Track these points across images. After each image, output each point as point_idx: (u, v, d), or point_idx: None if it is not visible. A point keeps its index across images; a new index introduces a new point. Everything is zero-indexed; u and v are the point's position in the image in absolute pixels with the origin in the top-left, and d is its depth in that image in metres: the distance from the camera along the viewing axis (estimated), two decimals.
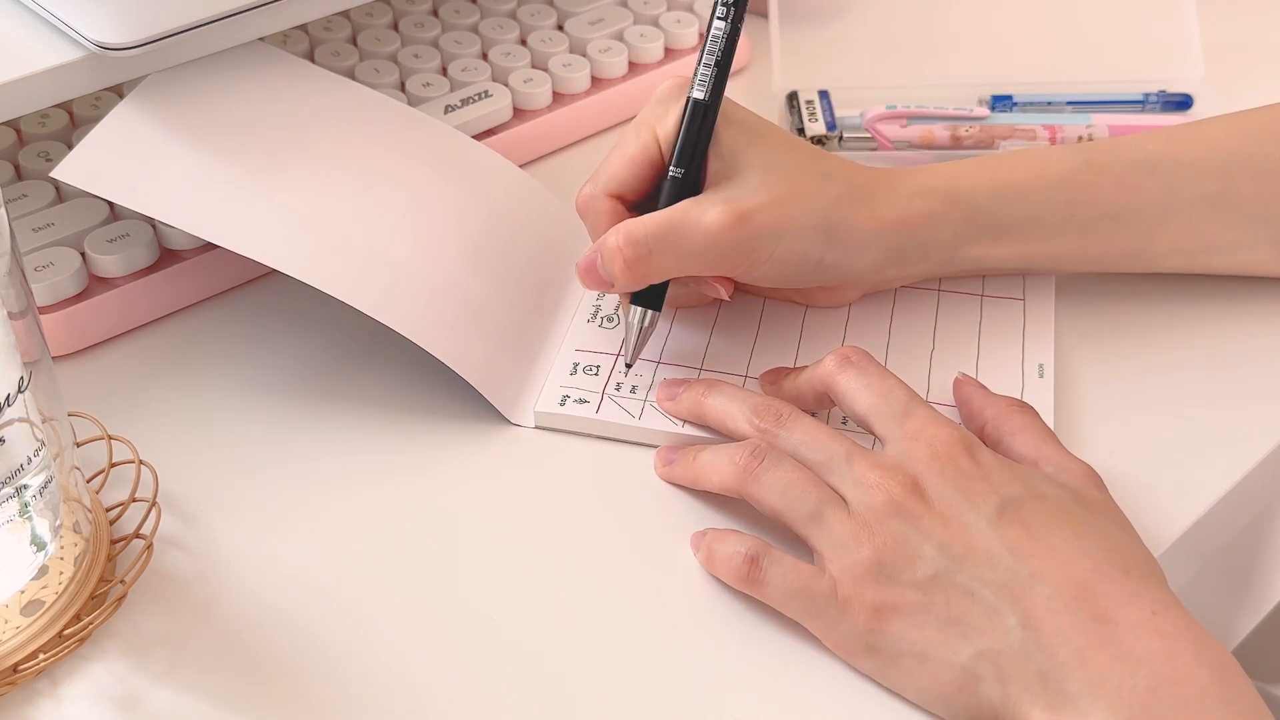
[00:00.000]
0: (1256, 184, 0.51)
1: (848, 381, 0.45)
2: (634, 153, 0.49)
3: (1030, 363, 0.51)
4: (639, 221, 0.47)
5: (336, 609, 0.42)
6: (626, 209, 0.49)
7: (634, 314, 0.49)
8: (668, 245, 0.47)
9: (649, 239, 0.46)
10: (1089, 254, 0.52)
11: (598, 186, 0.49)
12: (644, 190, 0.49)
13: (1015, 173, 0.51)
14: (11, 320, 0.37)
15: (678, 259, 0.47)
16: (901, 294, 0.54)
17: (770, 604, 0.42)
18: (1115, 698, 0.36)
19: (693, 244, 0.47)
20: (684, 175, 0.48)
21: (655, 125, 0.49)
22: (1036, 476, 0.42)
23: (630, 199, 0.49)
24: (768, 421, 0.44)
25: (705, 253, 0.47)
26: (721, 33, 0.48)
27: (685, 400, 0.48)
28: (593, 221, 0.50)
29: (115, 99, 0.59)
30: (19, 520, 0.40)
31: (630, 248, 0.47)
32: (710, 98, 0.48)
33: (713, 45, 0.48)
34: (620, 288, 0.48)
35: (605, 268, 0.47)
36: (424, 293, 0.49)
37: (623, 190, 0.49)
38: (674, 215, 0.47)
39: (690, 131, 0.48)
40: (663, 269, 0.47)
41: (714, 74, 0.48)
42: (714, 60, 0.48)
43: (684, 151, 0.48)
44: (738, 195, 0.47)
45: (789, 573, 0.41)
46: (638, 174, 0.49)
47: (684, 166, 0.48)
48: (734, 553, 0.42)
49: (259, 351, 0.53)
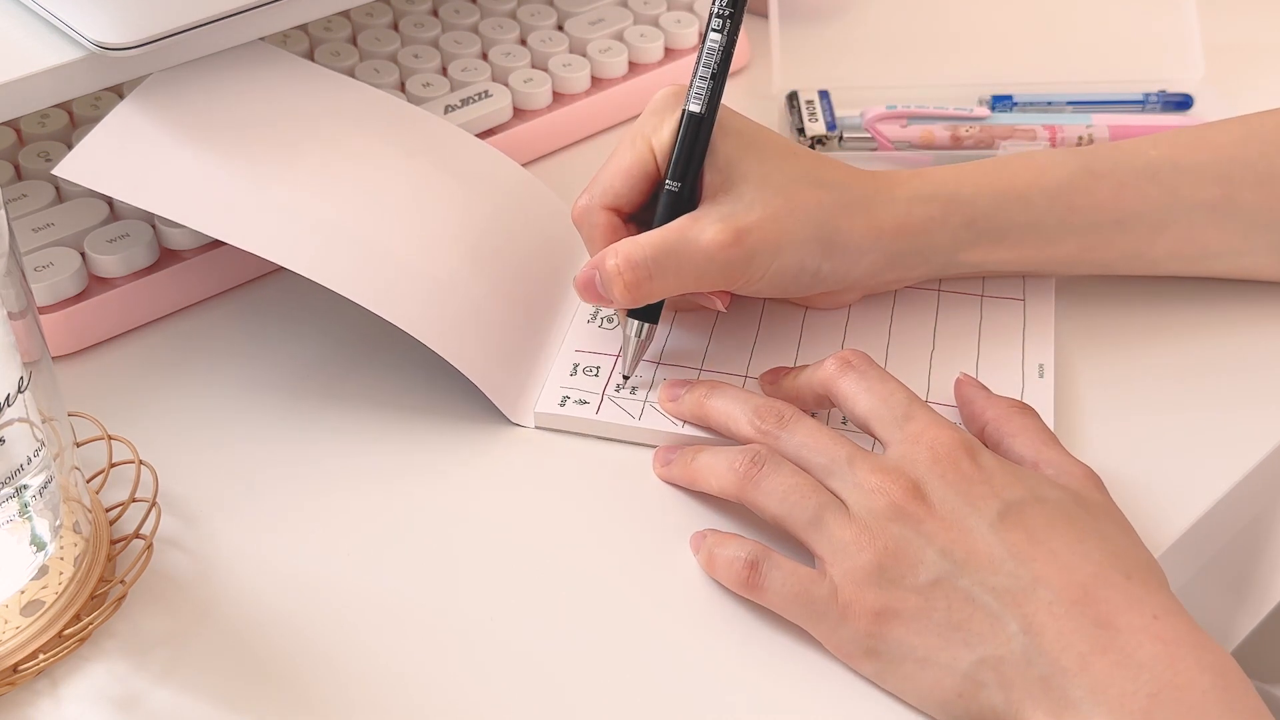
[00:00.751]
0: (1258, 190, 0.51)
1: (848, 384, 0.45)
2: (629, 164, 0.49)
3: (1030, 363, 0.51)
4: (637, 244, 0.47)
5: (336, 609, 0.42)
6: (622, 220, 0.49)
7: (630, 327, 0.50)
8: (667, 268, 0.47)
9: (648, 262, 0.47)
10: (1088, 258, 0.52)
11: (593, 198, 0.49)
12: (640, 202, 0.49)
13: (1015, 178, 0.51)
14: (11, 320, 0.37)
15: (677, 279, 0.47)
16: (902, 294, 0.54)
17: (771, 609, 0.42)
18: (1117, 703, 0.36)
19: (691, 264, 0.47)
20: (680, 189, 0.48)
21: (650, 136, 0.48)
22: (1038, 479, 0.41)
23: (626, 210, 0.49)
24: (769, 423, 0.44)
25: (704, 271, 0.47)
26: (717, 45, 0.47)
27: (687, 401, 0.48)
28: (589, 233, 0.49)
29: (115, 99, 0.59)
30: (19, 520, 0.40)
31: (630, 272, 0.47)
32: (706, 110, 0.47)
33: (708, 57, 0.47)
34: (619, 306, 0.49)
35: (605, 289, 0.47)
36: (426, 289, 0.49)
37: (618, 202, 0.49)
38: (671, 236, 0.47)
39: (685, 144, 0.48)
40: (662, 289, 0.47)
41: (710, 86, 0.47)
42: (710, 73, 0.47)
43: (679, 164, 0.48)
44: (734, 211, 0.47)
45: (789, 577, 0.41)
46: (633, 186, 0.49)
47: (680, 180, 0.48)
48: (734, 557, 0.42)
49: (259, 351, 0.53)
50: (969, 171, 0.51)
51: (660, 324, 0.51)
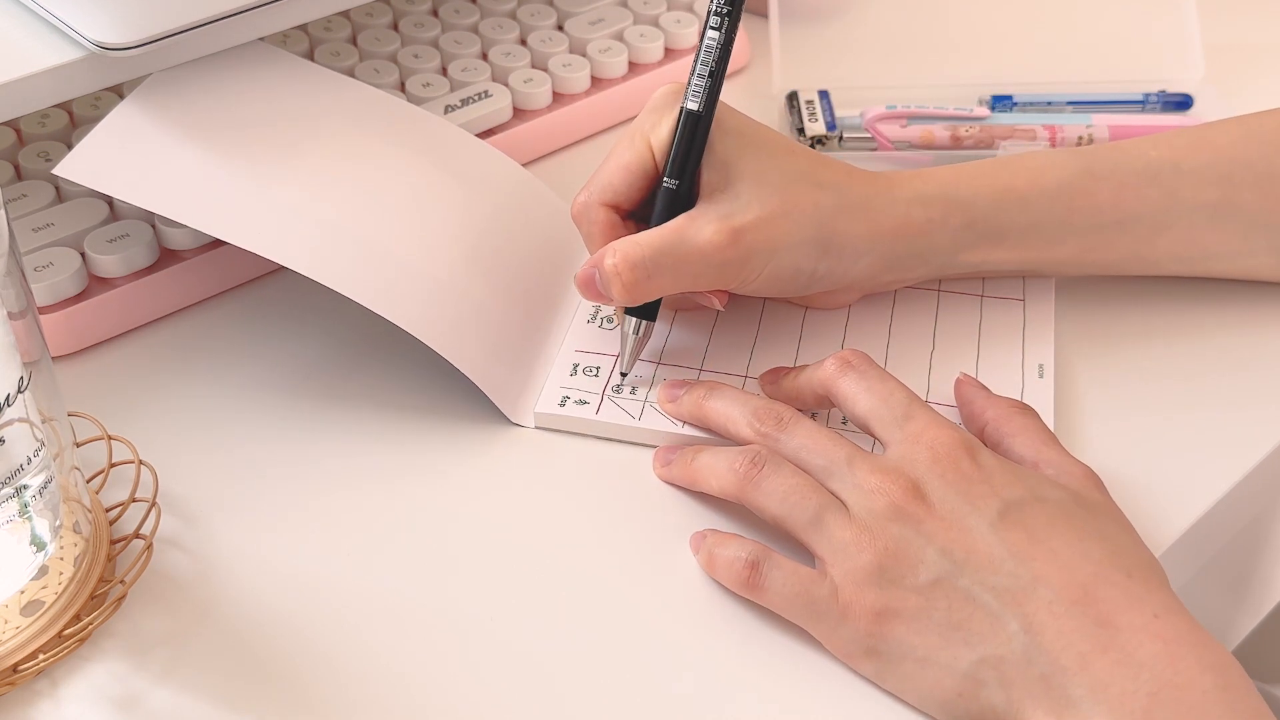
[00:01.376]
0: (1258, 191, 0.51)
1: (848, 385, 0.45)
2: (628, 161, 0.49)
3: (1030, 363, 0.51)
4: (635, 243, 0.47)
5: (337, 609, 0.42)
6: (621, 217, 0.49)
7: (628, 324, 0.50)
8: (664, 267, 0.47)
9: (645, 263, 0.47)
10: (1088, 259, 0.52)
11: (592, 195, 0.49)
12: (638, 199, 0.49)
13: (1015, 179, 0.51)
14: (11, 320, 0.37)
15: (674, 279, 0.47)
16: (902, 295, 0.54)
17: (771, 609, 0.42)
18: (1118, 702, 0.36)
19: (688, 264, 0.47)
20: (678, 186, 0.48)
21: (649, 134, 0.49)
22: (1038, 479, 0.41)
23: (625, 207, 0.49)
24: (769, 425, 0.44)
25: (701, 271, 0.47)
26: (715, 42, 0.47)
27: (686, 402, 0.48)
28: (587, 230, 0.50)
29: (115, 99, 0.59)
30: (19, 520, 0.40)
31: (629, 271, 0.47)
32: (704, 108, 0.47)
33: (706, 55, 0.48)
34: (618, 304, 0.49)
35: (603, 287, 0.48)
36: (426, 289, 0.49)
37: (617, 199, 0.49)
38: (669, 236, 0.47)
39: (682, 142, 0.48)
40: (660, 288, 0.48)
41: (708, 84, 0.47)
42: (708, 71, 0.47)
43: (676, 162, 0.48)
44: (731, 210, 0.47)
45: (789, 577, 0.41)
46: (632, 183, 0.49)
47: (677, 178, 0.48)
48: (734, 557, 0.42)
49: (259, 351, 0.53)
50: (968, 172, 0.51)
51: (660, 323, 0.52)
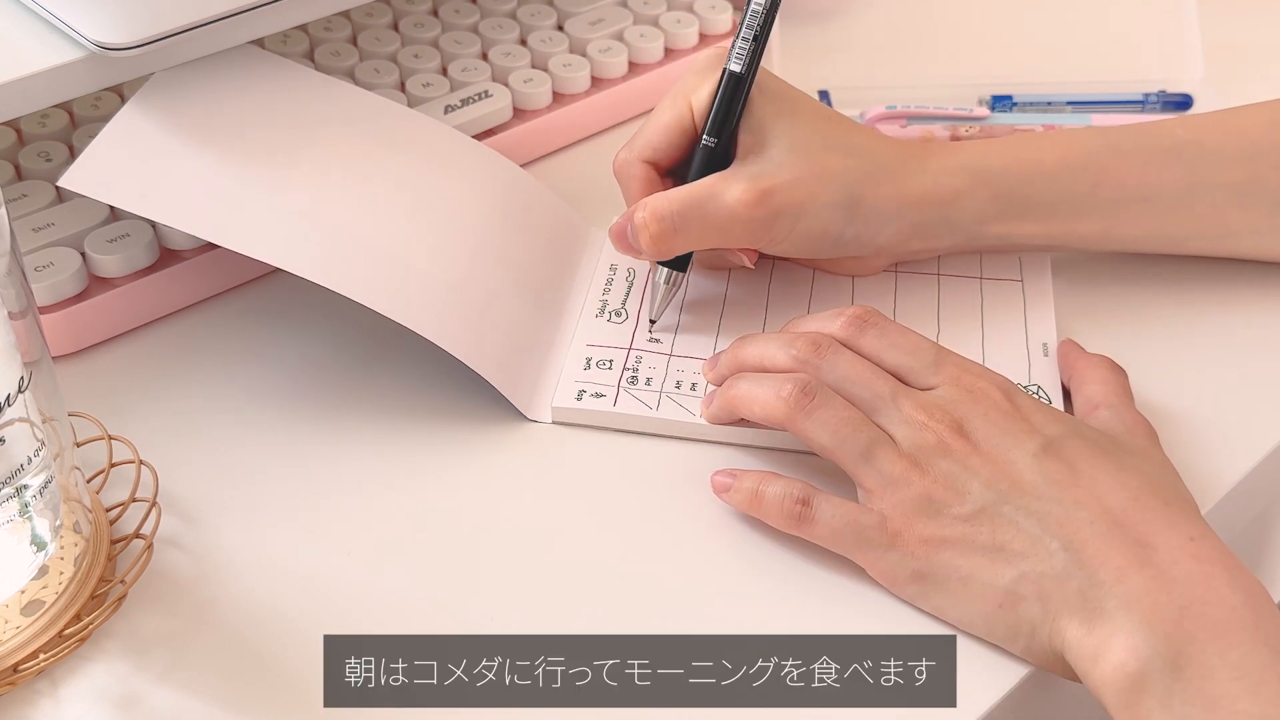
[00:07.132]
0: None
1: (871, 342, 0.45)
2: (669, 120, 0.51)
3: (1034, 342, 0.51)
4: (665, 197, 0.49)
5: (336, 609, 0.42)
6: (660, 175, 0.51)
7: (660, 274, 0.51)
8: (692, 222, 0.49)
9: (674, 216, 0.49)
10: (1112, 234, 0.53)
11: (633, 152, 0.51)
12: (677, 157, 0.51)
13: (1043, 154, 0.52)
14: (11, 320, 0.37)
15: (701, 234, 0.49)
16: (901, 279, 0.55)
17: (818, 542, 0.43)
18: (1150, 613, 0.37)
19: (716, 221, 0.49)
20: (716, 145, 0.50)
21: (690, 95, 0.50)
22: (1075, 420, 0.43)
23: (664, 165, 0.51)
24: (807, 352, 0.45)
25: (728, 229, 0.49)
26: (762, 6, 0.49)
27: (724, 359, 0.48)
28: (626, 185, 0.52)
29: (115, 99, 0.59)
30: (19, 520, 0.40)
31: (656, 224, 0.49)
32: (746, 70, 0.49)
33: (752, 19, 0.49)
34: (647, 257, 0.50)
35: (633, 239, 0.49)
36: (438, 292, 0.49)
37: (656, 156, 0.51)
38: (699, 192, 0.49)
39: (723, 102, 0.49)
40: (686, 243, 0.49)
41: (751, 47, 0.49)
42: (752, 34, 0.49)
43: (716, 120, 0.50)
44: (762, 171, 0.49)
45: (838, 509, 0.42)
46: (672, 141, 0.51)
47: (716, 136, 0.50)
48: (785, 494, 0.43)
49: (259, 351, 0.53)
50: (998, 147, 0.52)
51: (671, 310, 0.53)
